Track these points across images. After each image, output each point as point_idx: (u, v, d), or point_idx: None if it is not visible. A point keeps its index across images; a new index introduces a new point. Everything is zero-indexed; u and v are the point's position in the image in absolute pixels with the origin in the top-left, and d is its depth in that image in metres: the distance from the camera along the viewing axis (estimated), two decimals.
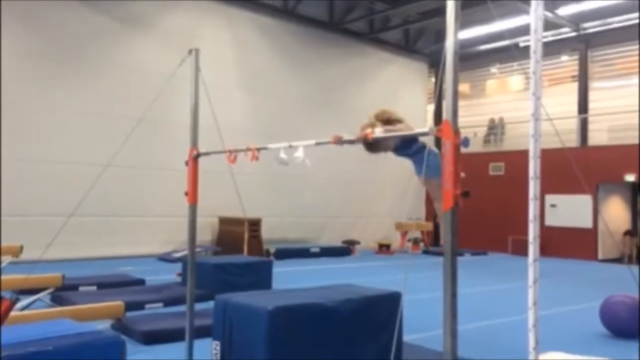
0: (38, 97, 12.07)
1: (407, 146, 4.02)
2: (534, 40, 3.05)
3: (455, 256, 2.82)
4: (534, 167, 2.88)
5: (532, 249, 2.85)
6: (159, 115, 11.34)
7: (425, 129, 2.86)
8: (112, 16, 13.17)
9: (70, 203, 6.07)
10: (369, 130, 3.43)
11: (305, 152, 3.32)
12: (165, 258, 12.68)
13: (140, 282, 8.88)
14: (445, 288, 2.77)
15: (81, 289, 7.95)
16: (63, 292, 7.12)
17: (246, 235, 13.03)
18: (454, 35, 2.85)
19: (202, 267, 7.28)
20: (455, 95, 2.84)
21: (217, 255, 12.79)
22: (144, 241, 13.28)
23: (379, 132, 3.50)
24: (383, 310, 3.74)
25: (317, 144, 3.25)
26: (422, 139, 3.98)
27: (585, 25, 16.85)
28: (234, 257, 10.40)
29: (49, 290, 6.79)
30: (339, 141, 3.23)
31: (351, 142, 3.30)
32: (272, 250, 13.58)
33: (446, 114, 2.87)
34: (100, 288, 8.09)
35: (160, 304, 7.18)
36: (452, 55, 2.86)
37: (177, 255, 12.03)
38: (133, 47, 13.55)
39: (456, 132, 2.78)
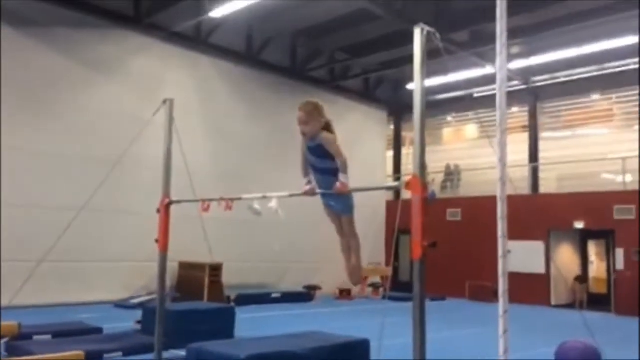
0: None
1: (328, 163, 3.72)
2: (499, 95, 3.34)
3: (424, 303, 2.94)
4: (501, 208, 3.07)
5: (503, 301, 3.01)
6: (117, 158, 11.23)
7: (396, 183, 3.02)
8: (76, 59, 13.08)
9: (20, 247, 5.93)
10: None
11: (279, 202, 3.43)
12: (122, 305, 12.32)
13: (98, 330, 8.59)
14: (415, 335, 2.89)
15: (35, 338, 7.63)
16: (17, 342, 6.86)
17: (207, 281, 12.84)
18: (422, 95, 3.06)
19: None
20: (423, 152, 3.01)
21: (175, 301, 12.52)
22: (99, 287, 12.82)
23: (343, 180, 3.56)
24: (353, 356, 3.80)
25: (291, 195, 3.37)
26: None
27: (535, 79, 17.82)
28: (195, 303, 10.25)
29: (4, 340, 6.54)
30: (312, 193, 3.37)
31: (322, 194, 3.44)
32: (233, 296, 13.40)
33: (414, 168, 3.04)
34: (55, 337, 7.79)
35: (120, 354, 7.01)
36: (420, 114, 3.06)
37: (136, 301, 11.73)
38: (97, 89, 13.43)
39: (424, 186, 2.95)
